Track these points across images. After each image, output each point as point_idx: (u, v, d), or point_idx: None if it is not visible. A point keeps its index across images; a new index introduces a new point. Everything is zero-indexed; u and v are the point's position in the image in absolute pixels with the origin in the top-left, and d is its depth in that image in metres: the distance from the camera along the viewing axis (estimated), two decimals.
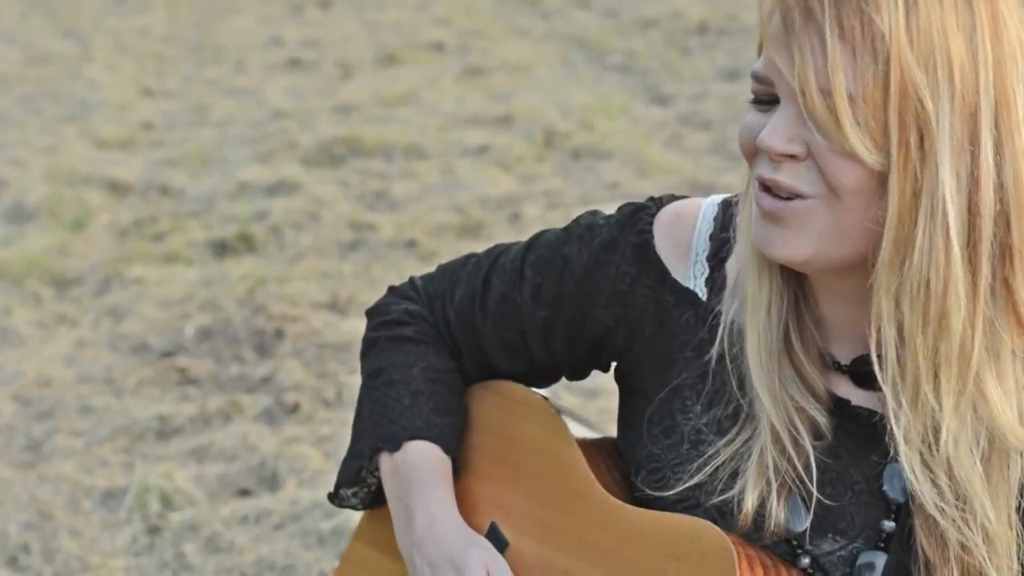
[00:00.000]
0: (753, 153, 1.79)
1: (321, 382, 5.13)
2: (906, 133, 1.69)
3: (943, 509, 1.77)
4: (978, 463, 1.77)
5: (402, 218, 6.77)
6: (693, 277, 1.96)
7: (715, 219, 1.98)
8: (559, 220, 5.27)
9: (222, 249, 6.53)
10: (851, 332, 1.86)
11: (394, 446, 2.07)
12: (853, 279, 1.80)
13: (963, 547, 1.78)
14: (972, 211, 1.71)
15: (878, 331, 1.75)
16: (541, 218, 6.65)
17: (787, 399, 1.83)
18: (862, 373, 1.85)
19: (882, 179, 1.70)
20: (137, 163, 7.79)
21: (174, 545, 4.26)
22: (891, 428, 1.77)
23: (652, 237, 1.98)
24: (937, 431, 1.76)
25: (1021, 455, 1.79)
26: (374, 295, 2.20)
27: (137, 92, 9.36)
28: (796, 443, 1.83)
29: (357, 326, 5.40)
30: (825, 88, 1.68)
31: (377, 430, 2.08)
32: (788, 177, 1.74)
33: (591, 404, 4.75)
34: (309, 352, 5.36)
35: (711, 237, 1.97)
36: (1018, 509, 1.81)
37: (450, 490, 2.06)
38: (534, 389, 2.11)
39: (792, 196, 1.75)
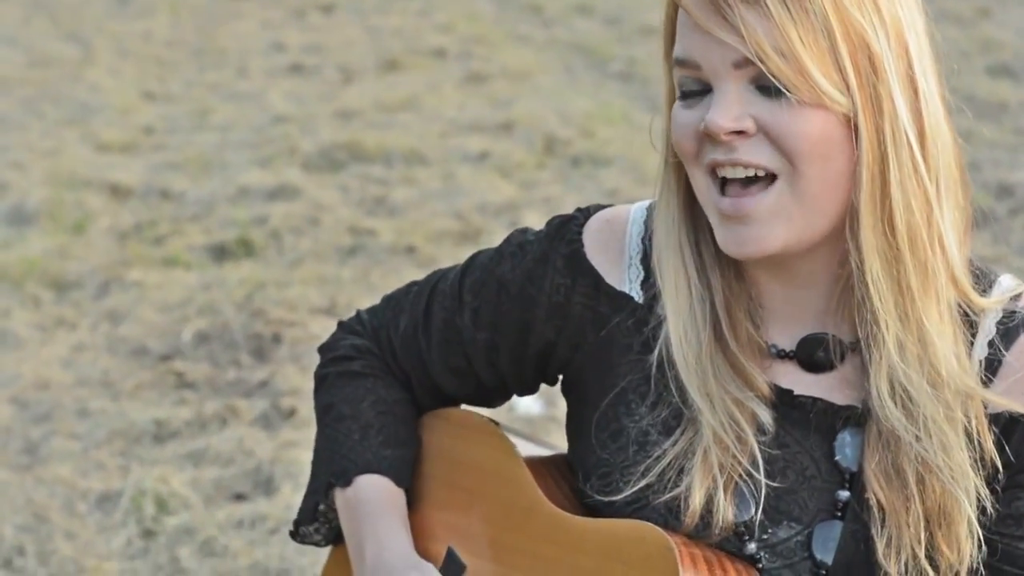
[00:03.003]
0: (695, 149, 1.82)
1: None
2: (861, 74, 1.76)
3: (916, 436, 1.79)
4: (930, 390, 1.80)
5: (402, 224, 6.78)
6: (628, 281, 1.98)
7: (645, 222, 2.00)
8: None
9: (221, 253, 6.53)
10: (795, 316, 1.89)
11: (345, 481, 2.09)
12: (820, 258, 1.84)
13: (925, 465, 1.79)
14: (922, 141, 1.79)
15: (861, 272, 1.79)
16: (540, 225, 6.64)
17: (725, 396, 1.86)
18: (810, 356, 1.88)
19: (846, 124, 1.77)
20: (138, 167, 7.80)
21: (169, 549, 4.26)
22: (867, 360, 1.81)
23: (582, 246, 2.00)
24: (912, 358, 1.80)
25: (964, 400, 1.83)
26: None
27: (138, 96, 9.37)
28: (740, 439, 1.86)
29: None
30: (780, 47, 1.74)
31: (329, 466, 2.11)
32: (746, 153, 1.78)
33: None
34: (306, 357, 5.36)
35: (643, 240, 1.99)
36: (975, 456, 1.83)
37: (400, 520, 2.08)
38: (482, 411, 2.14)
39: (754, 176, 1.78)
